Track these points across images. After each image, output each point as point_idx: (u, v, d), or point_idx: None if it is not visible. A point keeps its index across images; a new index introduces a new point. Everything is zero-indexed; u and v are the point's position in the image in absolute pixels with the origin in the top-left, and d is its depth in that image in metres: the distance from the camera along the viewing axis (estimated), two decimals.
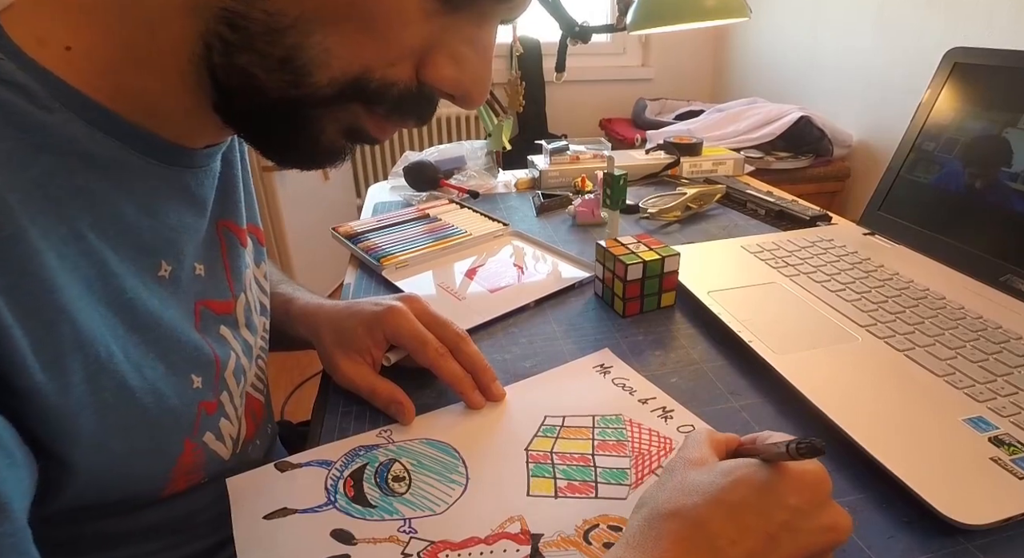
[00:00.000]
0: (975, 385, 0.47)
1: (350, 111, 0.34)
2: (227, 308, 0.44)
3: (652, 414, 0.48)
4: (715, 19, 0.87)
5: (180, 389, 0.37)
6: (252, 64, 0.31)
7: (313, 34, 0.30)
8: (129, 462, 0.34)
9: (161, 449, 0.36)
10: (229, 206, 0.45)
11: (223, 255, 0.44)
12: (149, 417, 0.34)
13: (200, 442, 0.40)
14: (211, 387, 0.40)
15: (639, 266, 0.60)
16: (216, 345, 0.41)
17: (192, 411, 0.38)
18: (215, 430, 0.41)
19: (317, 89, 0.32)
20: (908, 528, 0.37)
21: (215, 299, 0.42)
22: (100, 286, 0.32)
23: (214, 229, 0.43)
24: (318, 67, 0.31)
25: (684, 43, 2.86)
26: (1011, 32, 1.54)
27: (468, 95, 0.35)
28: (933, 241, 0.69)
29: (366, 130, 0.36)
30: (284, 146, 0.36)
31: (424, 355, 0.49)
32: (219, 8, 0.30)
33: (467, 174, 1.07)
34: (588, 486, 0.41)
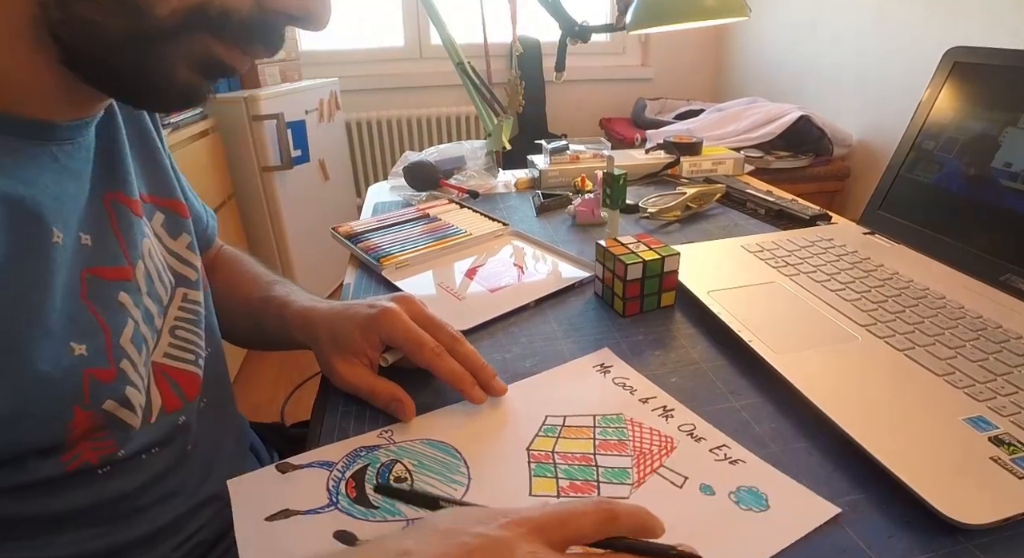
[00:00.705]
0: (975, 384, 0.47)
1: (199, 42, 0.35)
2: (123, 274, 0.43)
3: (653, 413, 0.48)
4: (715, 18, 0.87)
5: (55, 356, 0.36)
6: (89, 11, 0.32)
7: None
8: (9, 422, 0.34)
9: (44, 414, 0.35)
10: (115, 178, 0.45)
11: (113, 225, 0.44)
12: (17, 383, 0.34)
13: (98, 410, 0.38)
14: (102, 354, 0.39)
15: (639, 266, 0.60)
16: (108, 312, 0.40)
17: (76, 378, 0.37)
18: (118, 397, 0.40)
19: (160, 22, 0.32)
20: (908, 528, 0.37)
21: (106, 266, 0.42)
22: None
23: (100, 201, 0.43)
24: (156, 2, 0.32)
25: (684, 43, 2.86)
26: (1011, 32, 1.54)
27: (314, 15, 0.36)
28: (933, 240, 0.69)
29: (221, 60, 0.36)
30: (139, 87, 0.37)
31: (421, 355, 0.49)
32: None
33: (467, 174, 1.07)
34: (590, 486, 0.41)
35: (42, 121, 0.37)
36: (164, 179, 0.51)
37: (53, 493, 0.38)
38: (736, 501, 0.39)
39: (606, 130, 2.72)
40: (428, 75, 2.64)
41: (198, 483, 0.49)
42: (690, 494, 0.40)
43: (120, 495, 0.42)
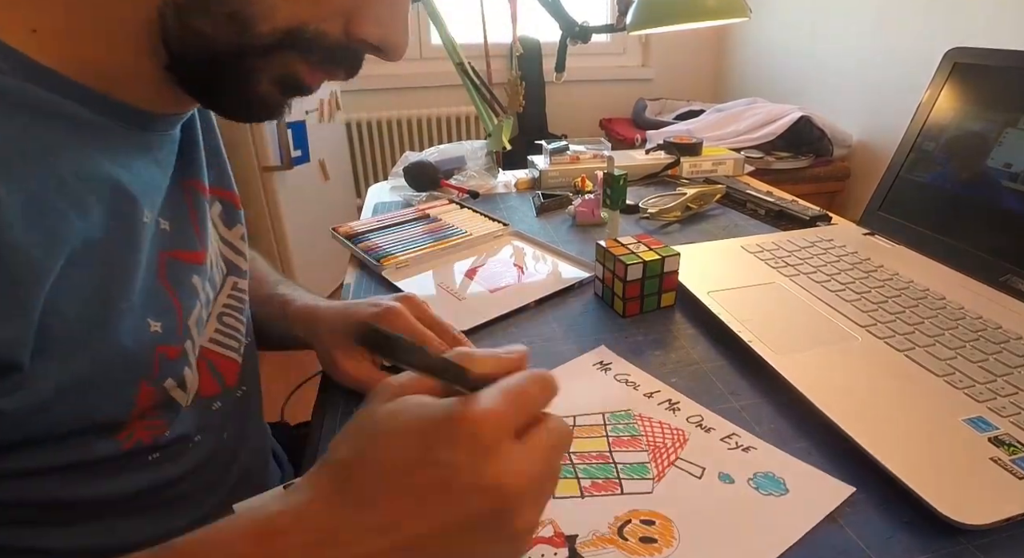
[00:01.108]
0: (975, 385, 0.47)
1: (286, 59, 0.38)
2: (198, 258, 0.46)
3: (659, 407, 0.48)
4: (715, 19, 0.87)
5: (136, 331, 0.38)
6: (203, 24, 0.35)
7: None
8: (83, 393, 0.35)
9: (118, 386, 0.37)
10: (192, 167, 0.48)
11: (190, 211, 0.46)
12: (103, 353, 0.35)
13: (159, 387, 0.40)
14: (173, 333, 0.41)
15: (639, 266, 0.60)
16: (181, 293, 0.43)
17: (150, 354, 0.39)
18: (177, 377, 0.41)
19: (260, 38, 0.36)
20: (908, 528, 0.37)
21: (184, 250, 0.44)
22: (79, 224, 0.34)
23: (180, 187, 0.46)
24: (263, 19, 0.35)
25: (684, 43, 2.86)
26: (1011, 32, 1.54)
27: (393, 47, 0.40)
28: (933, 241, 0.69)
29: (299, 78, 0.39)
30: (228, 98, 0.40)
31: None
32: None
33: (467, 174, 1.07)
34: (612, 483, 0.41)
35: (144, 112, 0.40)
36: (224, 170, 0.53)
37: (109, 475, 0.39)
38: (756, 487, 0.40)
39: (606, 130, 2.72)
40: (428, 75, 2.64)
41: (224, 473, 0.50)
42: (711, 484, 0.40)
43: (167, 481, 0.43)
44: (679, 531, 0.37)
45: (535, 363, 0.57)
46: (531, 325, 0.62)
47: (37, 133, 0.33)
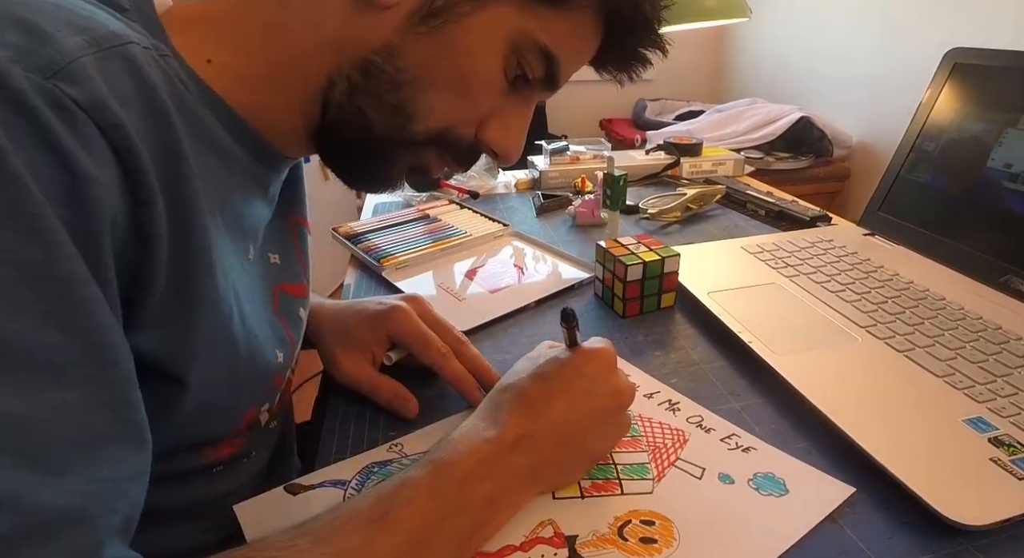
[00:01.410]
0: (975, 386, 0.47)
1: (426, 153, 0.42)
2: (303, 291, 0.49)
3: (659, 407, 0.48)
4: (715, 19, 0.87)
5: (269, 361, 0.41)
6: (369, 106, 0.38)
7: (425, 92, 0.38)
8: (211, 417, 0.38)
9: (236, 410, 0.40)
10: (297, 202, 0.51)
11: (296, 245, 0.49)
12: (242, 381, 0.38)
13: (258, 410, 0.42)
14: (288, 363, 0.44)
15: (639, 267, 0.60)
16: (292, 325, 0.45)
17: (269, 382, 0.42)
18: (271, 401, 0.44)
19: (413, 135, 0.39)
20: (908, 528, 0.37)
21: (292, 283, 0.47)
22: (225, 256, 0.36)
23: (287, 223, 0.48)
24: (420, 118, 0.39)
25: (684, 43, 2.85)
26: (1011, 32, 1.54)
27: (509, 155, 0.44)
28: (933, 242, 0.69)
29: (428, 168, 0.43)
30: (362, 173, 0.43)
31: (427, 354, 0.49)
32: (362, 58, 0.37)
33: (467, 174, 1.07)
34: (612, 484, 0.41)
35: (279, 153, 0.42)
36: (304, 198, 0.55)
37: (178, 486, 0.40)
38: (756, 488, 0.40)
39: (606, 131, 2.72)
40: None
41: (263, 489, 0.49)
42: (711, 484, 0.40)
43: (222, 494, 0.43)
44: (679, 531, 0.37)
45: None
46: (531, 325, 0.62)
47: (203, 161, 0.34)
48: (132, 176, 0.28)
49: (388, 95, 0.38)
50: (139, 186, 0.29)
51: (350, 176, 0.44)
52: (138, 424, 0.28)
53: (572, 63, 0.42)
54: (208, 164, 0.35)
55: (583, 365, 0.41)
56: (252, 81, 0.38)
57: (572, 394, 0.40)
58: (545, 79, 0.41)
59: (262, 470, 0.49)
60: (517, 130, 0.44)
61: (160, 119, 0.30)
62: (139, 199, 0.29)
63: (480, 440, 0.37)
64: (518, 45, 0.39)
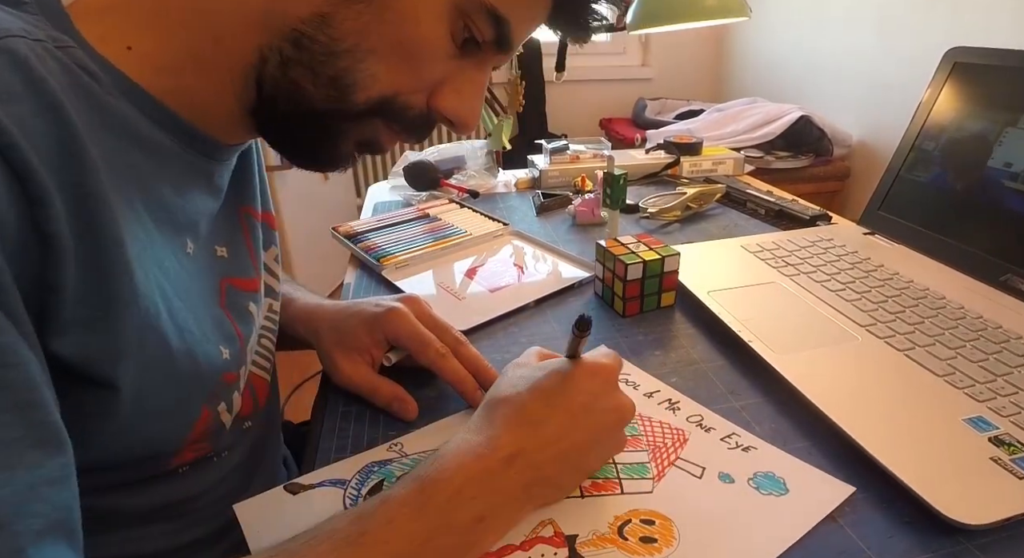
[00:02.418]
0: (975, 385, 0.47)
1: (372, 125, 0.40)
2: (253, 285, 0.47)
3: (660, 407, 0.48)
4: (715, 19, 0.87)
5: (211, 358, 0.39)
6: (304, 78, 0.36)
7: (364, 61, 0.36)
8: (156, 420, 0.36)
9: (184, 412, 0.38)
10: (248, 193, 0.49)
11: (246, 238, 0.47)
12: (182, 380, 0.37)
13: (214, 410, 0.41)
14: (236, 359, 0.42)
15: (639, 266, 0.60)
16: (241, 320, 0.44)
17: (215, 379, 0.40)
18: (228, 400, 0.42)
19: (355, 105, 0.37)
20: (908, 528, 0.37)
21: (240, 277, 0.45)
22: (151, 252, 0.35)
23: (236, 214, 0.47)
24: (361, 88, 0.37)
25: (684, 43, 2.85)
26: (1011, 32, 1.54)
27: (465, 123, 0.42)
28: (933, 241, 0.69)
29: (379, 141, 0.42)
30: (307, 151, 0.41)
31: (425, 355, 0.49)
32: (290, 29, 0.35)
33: (467, 174, 1.06)
34: (612, 483, 0.41)
35: (217, 140, 0.41)
36: (265, 192, 0.53)
37: (138, 490, 0.40)
38: (756, 487, 0.40)
39: (606, 130, 2.72)
40: None
41: (242, 489, 0.49)
42: (711, 484, 0.40)
43: (188, 496, 0.43)
44: (679, 531, 0.37)
45: None
46: (531, 325, 0.62)
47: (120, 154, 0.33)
48: (19, 175, 0.27)
49: (324, 66, 0.36)
50: (29, 185, 0.27)
51: (296, 155, 0.42)
52: (49, 426, 0.27)
53: (524, 23, 0.40)
54: (124, 156, 0.33)
55: (585, 381, 0.40)
56: (177, 66, 0.36)
57: (572, 411, 0.38)
58: (496, 41, 0.39)
59: (239, 469, 0.48)
60: (472, 96, 0.41)
61: (51, 113, 0.29)
62: (31, 199, 0.27)
63: (471, 456, 0.36)
64: (463, 7, 0.37)
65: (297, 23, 0.35)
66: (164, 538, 0.42)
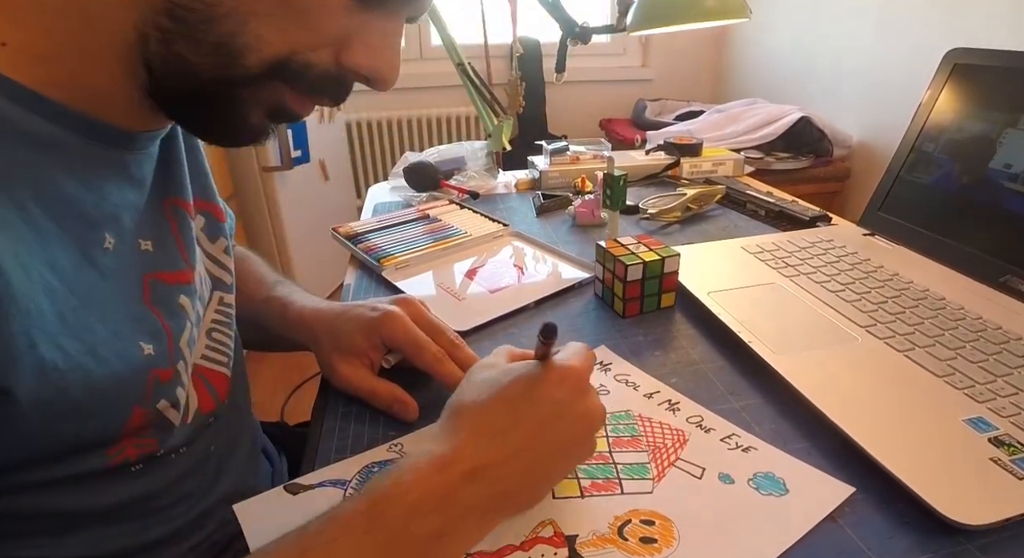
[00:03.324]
0: (975, 386, 0.47)
1: (274, 90, 0.38)
2: (184, 278, 0.45)
3: (659, 407, 0.48)
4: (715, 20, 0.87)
5: (127, 355, 0.37)
6: (188, 50, 0.34)
7: (247, 23, 0.34)
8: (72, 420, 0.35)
9: (108, 411, 0.37)
10: (174, 184, 0.47)
11: (174, 230, 0.45)
12: (92, 380, 0.35)
13: (152, 408, 0.40)
14: (165, 356, 0.40)
15: (639, 267, 0.60)
16: (169, 315, 0.42)
17: (143, 378, 0.38)
18: (170, 397, 0.41)
19: (246, 70, 0.35)
20: (908, 528, 0.37)
21: (168, 271, 0.43)
22: (40, 251, 0.33)
23: (161, 207, 0.45)
24: (249, 51, 0.35)
25: (684, 44, 2.86)
26: (1011, 33, 1.54)
27: (383, 78, 0.40)
28: (933, 242, 0.69)
29: (288, 107, 0.39)
30: (213, 124, 0.39)
31: (421, 358, 0.49)
32: (163, 1, 0.33)
33: (467, 175, 1.07)
34: (612, 483, 0.41)
35: (122, 129, 0.39)
36: (206, 183, 0.52)
37: (90, 488, 0.39)
38: (756, 488, 0.40)
39: (606, 131, 2.72)
40: (428, 76, 2.64)
41: (211, 484, 0.49)
42: (711, 484, 0.40)
43: (147, 493, 0.43)
44: (679, 531, 0.37)
45: None
46: (531, 325, 0.62)
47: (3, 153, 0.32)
48: None
49: (205, 34, 0.34)
50: None
51: (204, 132, 0.40)
52: None
53: None
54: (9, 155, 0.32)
55: (553, 388, 0.37)
56: (57, 55, 0.34)
57: (539, 420, 0.36)
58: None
59: (204, 465, 0.48)
60: (384, 48, 0.39)
61: None
62: None
63: (429, 469, 0.34)
64: None
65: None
66: (128, 537, 0.42)
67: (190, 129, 0.41)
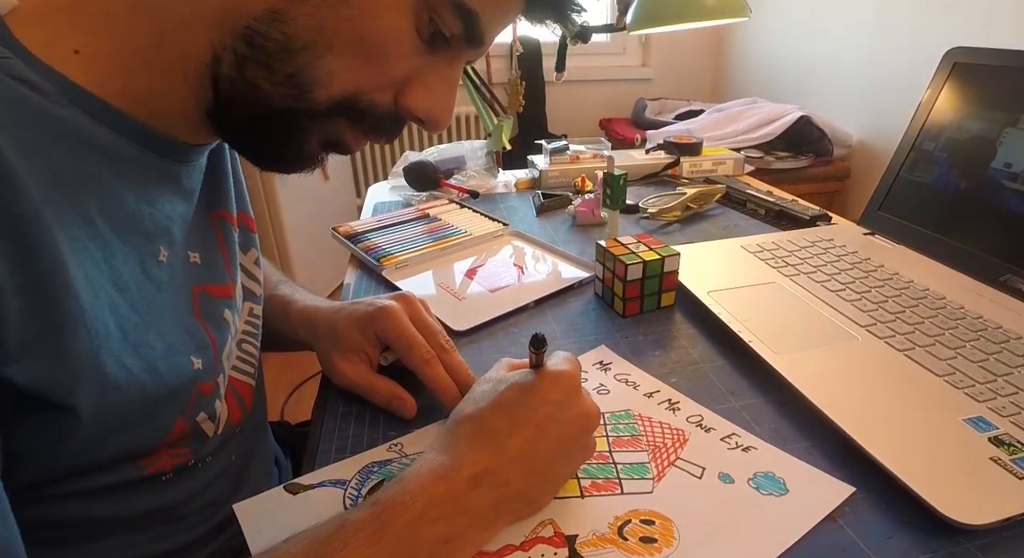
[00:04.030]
0: (975, 385, 0.47)
1: (336, 125, 0.38)
2: (227, 292, 0.46)
3: (659, 407, 0.48)
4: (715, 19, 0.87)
5: (180, 369, 0.38)
6: (260, 77, 0.35)
7: (323, 58, 0.35)
8: (120, 434, 0.35)
9: (153, 424, 0.38)
10: (220, 196, 0.47)
11: (220, 243, 0.46)
12: (147, 394, 0.36)
13: (191, 421, 0.40)
14: (211, 369, 0.41)
15: (639, 266, 0.60)
16: (215, 328, 0.43)
17: (189, 391, 0.39)
18: (209, 410, 0.42)
19: (315, 104, 0.36)
20: (908, 528, 0.37)
21: (214, 284, 0.44)
22: (107, 268, 0.34)
23: (208, 219, 0.45)
24: (321, 86, 0.36)
25: (684, 43, 2.86)
26: (1011, 32, 1.54)
27: (436, 121, 0.40)
28: (933, 241, 0.69)
29: (345, 142, 0.40)
30: (268, 152, 0.40)
31: (410, 357, 0.48)
32: (243, 26, 0.34)
33: (467, 174, 1.07)
34: (612, 483, 0.41)
35: (176, 140, 0.39)
36: (243, 195, 0.52)
37: (122, 497, 0.39)
38: (756, 487, 0.40)
39: (606, 130, 2.72)
40: None
41: (232, 492, 0.49)
42: (710, 484, 0.40)
43: (175, 502, 0.43)
44: (679, 531, 0.37)
45: None
46: (531, 325, 0.62)
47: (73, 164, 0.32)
48: None
49: (280, 64, 0.34)
50: None
51: (258, 157, 0.40)
52: None
53: (495, 15, 0.39)
54: (78, 166, 0.33)
55: (547, 391, 0.39)
56: (126, 66, 0.35)
57: (537, 423, 0.38)
58: (465, 35, 0.37)
59: (227, 473, 0.48)
60: (443, 93, 0.40)
61: None
62: None
63: (434, 476, 0.35)
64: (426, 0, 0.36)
65: (249, 20, 0.34)
66: (152, 544, 0.42)
67: (243, 151, 0.41)
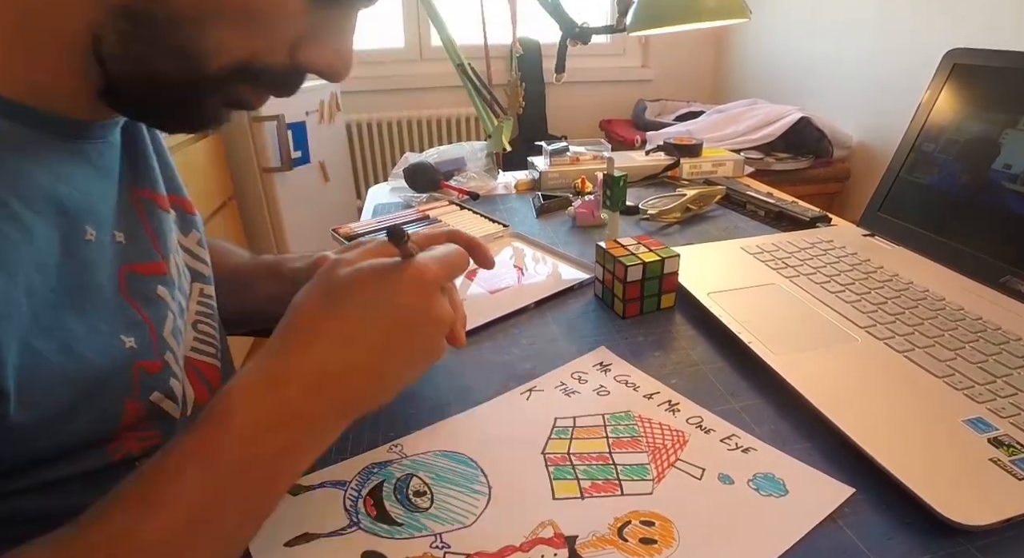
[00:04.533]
0: (975, 386, 0.47)
1: (234, 88, 0.38)
2: (159, 269, 0.45)
3: (659, 408, 0.48)
4: (715, 20, 0.87)
5: (110, 349, 0.37)
6: (148, 53, 0.34)
7: (209, 29, 0.34)
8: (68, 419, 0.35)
9: (99, 407, 0.37)
10: (142, 175, 0.47)
11: (144, 222, 0.45)
12: (70, 377, 0.35)
13: (145, 401, 0.40)
14: (148, 347, 0.40)
15: (639, 267, 0.60)
16: (146, 306, 0.42)
17: (127, 371, 0.38)
18: (164, 389, 0.41)
19: (208, 74, 0.36)
20: (908, 529, 0.37)
21: (141, 262, 0.43)
22: (28, 249, 0.33)
23: (129, 198, 0.45)
24: (211, 56, 0.35)
25: (684, 44, 2.86)
26: (1011, 33, 1.54)
27: (336, 71, 0.40)
28: (933, 242, 0.69)
29: (246, 102, 0.40)
30: (171, 122, 0.41)
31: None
32: (121, 4, 0.33)
33: (467, 175, 1.07)
34: (612, 484, 0.41)
35: (75, 120, 0.39)
36: (173, 177, 0.52)
37: (97, 485, 0.38)
38: (756, 488, 0.40)
39: (606, 132, 2.72)
40: (428, 76, 2.64)
41: None
42: (710, 485, 0.40)
43: None
44: (679, 532, 0.37)
45: (535, 363, 0.57)
46: (531, 326, 0.62)
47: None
48: None
49: (167, 38, 0.34)
50: None
51: (161, 126, 0.41)
52: None
53: None
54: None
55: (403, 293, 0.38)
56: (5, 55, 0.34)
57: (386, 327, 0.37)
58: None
59: None
60: (337, 45, 0.40)
61: None
62: None
63: (263, 387, 0.34)
64: None
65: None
66: None
67: (145, 121, 0.41)
